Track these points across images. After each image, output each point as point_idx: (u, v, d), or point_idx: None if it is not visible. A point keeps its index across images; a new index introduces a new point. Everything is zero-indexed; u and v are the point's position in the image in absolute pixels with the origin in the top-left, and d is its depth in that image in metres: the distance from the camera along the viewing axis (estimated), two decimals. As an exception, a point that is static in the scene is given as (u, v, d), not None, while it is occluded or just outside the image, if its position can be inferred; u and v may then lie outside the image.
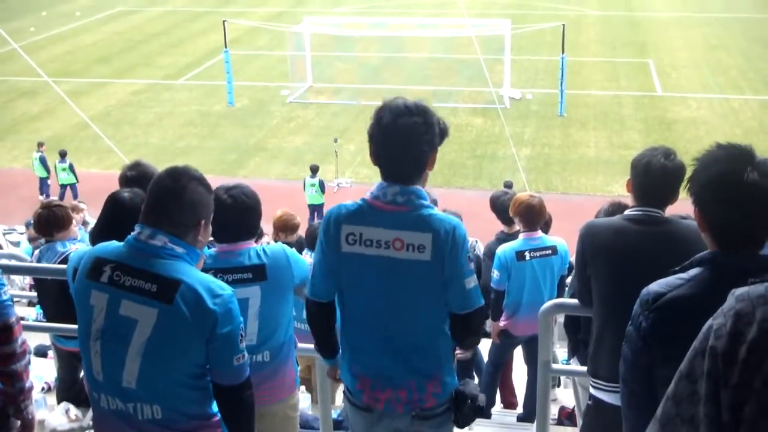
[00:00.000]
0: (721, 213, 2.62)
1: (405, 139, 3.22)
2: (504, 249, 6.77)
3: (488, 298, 6.51)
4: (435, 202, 3.91)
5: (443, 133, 3.37)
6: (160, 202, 3.13)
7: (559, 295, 6.68)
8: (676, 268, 2.74)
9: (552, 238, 6.93)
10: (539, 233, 6.81)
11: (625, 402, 2.87)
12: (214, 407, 3.25)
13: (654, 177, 3.81)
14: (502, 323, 6.97)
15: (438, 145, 3.33)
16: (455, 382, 3.59)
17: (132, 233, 3.15)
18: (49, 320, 6.21)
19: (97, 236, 4.26)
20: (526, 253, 6.73)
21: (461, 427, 3.69)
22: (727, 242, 2.64)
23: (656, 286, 2.72)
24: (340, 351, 3.69)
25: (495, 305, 6.86)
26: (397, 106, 3.24)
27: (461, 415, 3.59)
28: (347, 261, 3.36)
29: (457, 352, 3.82)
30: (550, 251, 6.77)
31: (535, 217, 6.72)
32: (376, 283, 3.35)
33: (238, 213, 4.00)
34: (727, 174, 2.59)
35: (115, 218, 4.29)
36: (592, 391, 4.10)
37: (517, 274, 6.77)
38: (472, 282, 3.35)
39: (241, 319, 3.15)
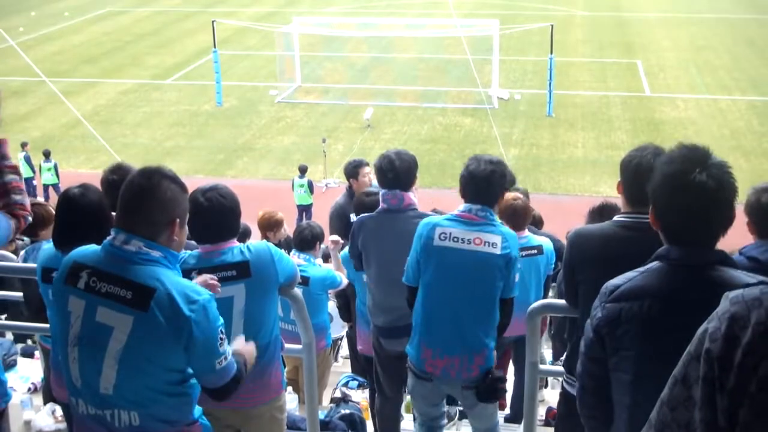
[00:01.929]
0: (670, 211, 2.71)
1: (487, 183, 4.53)
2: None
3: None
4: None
5: (512, 181, 4.92)
6: (133, 202, 3.09)
7: (545, 295, 6.67)
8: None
9: (539, 238, 6.92)
10: (526, 233, 6.79)
11: (579, 400, 2.96)
12: (195, 413, 3.25)
13: (645, 178, 3.78)
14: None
15: (507, 187, 4.82)
16: (492, 363, 4.65)
17: (108, 237, 3.11)
18: (33, 320, 6.16)
19: (57, 237, 4.23)
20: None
21: (481, 400, 4.68)
22: (675, 239, 2.72)
23: (615, 279, 2.82)
24: (413, 329, 4.69)
25: None
26: (483, 159, 4.59)
27: (485, 391, 4.63)
28: (438, 252, 4.52)
29: None
30: (536, 251, 6.75)
31: (519, 219, 6.67)
32: (457, 268, 4.49)
33: (216, 214, 4.00)
34: (676, 174, 2.66)
35: (70, 216, 4.23)
36: (565, 386, 4.17)
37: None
38: (518, 276, 4.67)
39: (221, 321, 3.14)
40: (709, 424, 1.90)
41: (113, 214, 4.36)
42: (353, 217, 6.10)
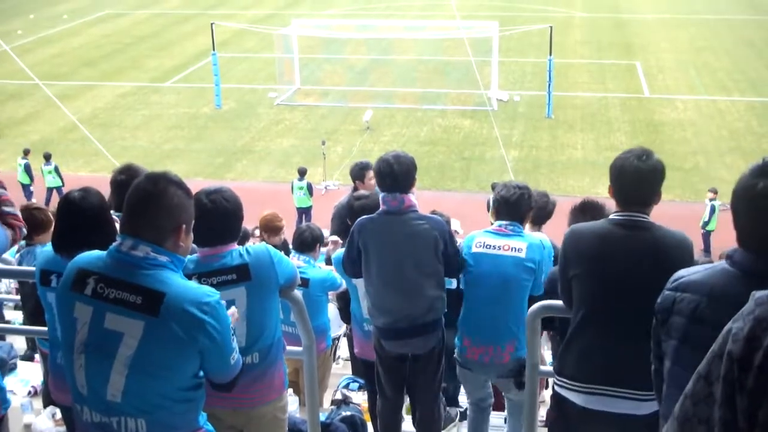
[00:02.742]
0: (739, 217, 2.72)
1: (517, 205, 5.35)
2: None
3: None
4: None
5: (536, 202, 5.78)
6: (139, 207, 3.08)
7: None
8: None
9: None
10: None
11: (654, 383, 2.98)
12: (201, 420, 3.25)
13: (629, 181, 3.84)
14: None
15: (533, 206, 5.61)
16: (524, 353, 5.02)
17: (114, 243, 3.09)
18: (29, 323, 6.15)
19: (57, 240, 4.21)
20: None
21: (518, 388, 5.26)
22: (744, 244, 2.73)
23: (683, 270, 2.88)
24: (460, 324, 5.42)
25: None
26: (511, 185, 5.43)
27: (520, 379, 5.14)
28: (474, 257, 5.30)
29: None
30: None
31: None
32: (489, 270, 5.23)
33: (219, 217, 3.99)
34: (745, 184, 2.66)
35: (70, 219, 4.21)
36: (556, 388, 4.15)
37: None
38: (543, 276, 5.29)
39: (230, 318, 3.16)
40: (728, 423, 1.91)
41: (115, 216, 4.38)
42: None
